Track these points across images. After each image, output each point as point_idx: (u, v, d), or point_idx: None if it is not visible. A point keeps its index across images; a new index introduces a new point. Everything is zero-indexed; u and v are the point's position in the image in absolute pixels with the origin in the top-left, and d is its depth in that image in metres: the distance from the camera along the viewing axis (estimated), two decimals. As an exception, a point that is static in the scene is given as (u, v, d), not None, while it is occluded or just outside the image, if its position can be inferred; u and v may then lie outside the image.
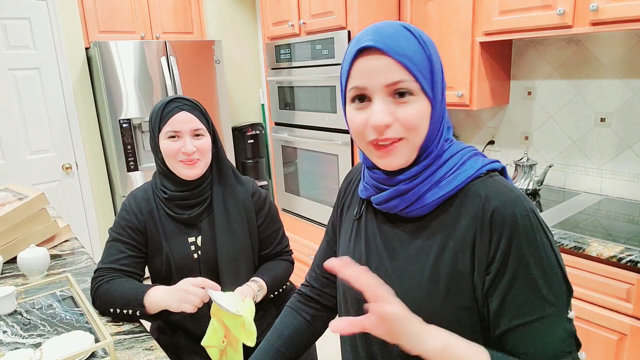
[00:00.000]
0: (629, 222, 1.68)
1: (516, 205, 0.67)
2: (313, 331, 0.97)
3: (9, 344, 1.10)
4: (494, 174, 0.73)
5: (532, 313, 0.66)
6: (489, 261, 0.67)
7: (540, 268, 0.66)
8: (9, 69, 2.78)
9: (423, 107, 0.68)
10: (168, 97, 1.25)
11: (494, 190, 0.69)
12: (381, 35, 0.67)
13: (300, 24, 2.51)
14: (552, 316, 0.66)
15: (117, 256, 1.25)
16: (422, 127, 0.69)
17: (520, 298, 0.66)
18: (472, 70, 2.03)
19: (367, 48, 0.67)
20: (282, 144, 2.88)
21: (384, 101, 0.68)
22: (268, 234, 1.39)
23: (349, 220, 0.87)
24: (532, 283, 0.66)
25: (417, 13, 2.20)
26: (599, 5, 1.54)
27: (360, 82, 0.69)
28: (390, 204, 0.74)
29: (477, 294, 0.69)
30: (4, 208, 1.57)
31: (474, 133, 2.46)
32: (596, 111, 1.97)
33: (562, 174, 2.14)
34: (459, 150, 0.73)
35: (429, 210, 0.72)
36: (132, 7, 3.14)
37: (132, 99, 3.01)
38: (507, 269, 0.66)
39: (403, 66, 0.66)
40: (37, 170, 2.97)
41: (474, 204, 0.69)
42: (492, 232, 0.67)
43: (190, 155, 1.22)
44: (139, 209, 1.29)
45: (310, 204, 2.74)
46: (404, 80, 0.66)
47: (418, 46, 0.68)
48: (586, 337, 1.53)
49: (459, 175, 0.71)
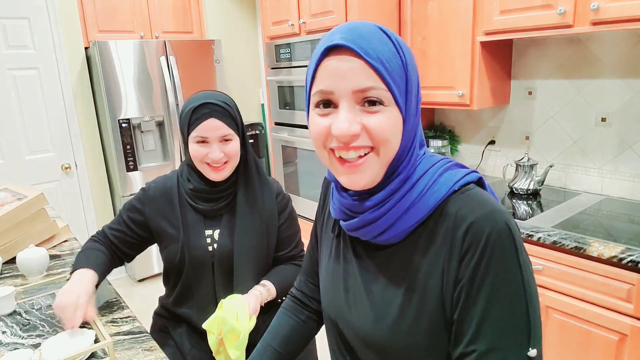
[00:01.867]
0: (630, 222, 1.67)
1: (487, 222, 0.61)
2: (308, 331, 0.97)
3: (8, 344, 1.10)
4: (468, 187, 0.66)
5: (491, 341, 0.60)
6: (457, 280, 0.63)
7: (505, 296, 0.60)
8: (8, 68, 2.77)
9: (394, 119, 0.61)
10: (199, 97, 1.22)
11: (464, 209, 0.63)
12: (354, 35, 0.59)
13: (300, 24, 2.50)
14: (510, 350, 0.60)
15: (114, 226, 1.34)
16: (393, 140, 0.62)
17: (480, 322, 0.61)
18: (472, 70, 2.03)
19: (337, 47, 0.60)
20: (282, 143, 2.87)
21: (350, 109, 0.60)
22: (286, 235, 1.39)
23: (328, 235, 0.84)
24: (495, 310, 0.60)
25: (417, 13, 2.20)
26: (600, 4, 1.54)
27: (326, 85, 0.61)
28: (360, 232, 0.69)
29: (446, 315, 0.65)
30: (3, 208, 1.57)
31: (475, 133, 2.46)
32: (597, 111, 1.97)
33: (562, 174, 2.14)
34: (430, 167, 0.66)
35: (401, 238, 0.67)
36: (131, 7, 3.13)
37: (131, 99, 3.00)
38: (472, 291, 0.61)
39: (376, 71, 0.59)
40: (36, 170, 2.96)
41: (443, 227, 0.64)
42: (462, 251, 0.62)
43: (217, 162, 1.22)
44: (159, 195, 1.32)
45: (310, 204, 2.74)
46: (376, 88, 0.59)
47: (394, 51, 0.61)
48: (586, 338, 1.53)
49: (430, 198, 0.64)
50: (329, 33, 0.63)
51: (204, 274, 1.30)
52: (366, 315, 0.71)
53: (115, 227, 1.33)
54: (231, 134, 1.23)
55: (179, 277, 1.31)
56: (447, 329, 0.65)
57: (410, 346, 0.67)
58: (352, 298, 0.74)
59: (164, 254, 1.34)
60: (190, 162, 1.28)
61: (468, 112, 2.46)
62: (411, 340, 0.66)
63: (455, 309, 0.63)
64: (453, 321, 0.64)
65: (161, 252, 1.35)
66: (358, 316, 0.73)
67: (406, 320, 0.66)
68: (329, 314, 0.81)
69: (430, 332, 0.65)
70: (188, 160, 1.30)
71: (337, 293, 0.77)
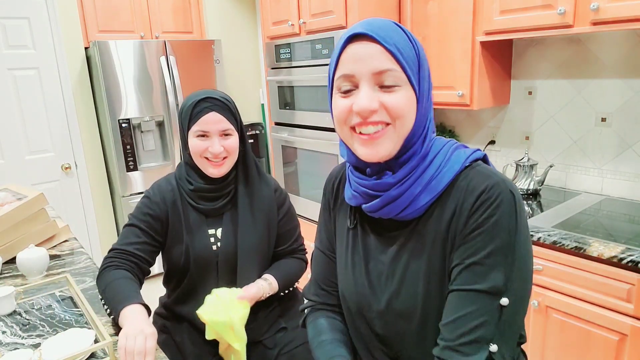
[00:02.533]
0: (630, 222, 1.67)
1: (494, 188, 0.69)
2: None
3: (8, 344, 1.09)
4: (476, 163, 0.74)
5: (468, 282, 0.68)
6: (464, 229, 0.70)
7: (493, 246, 0.67)
8: (8, 68, 2.77)
9: (409, 97, 0.69)
10: (199, 93, 1.25)
11: (475, 180, 0.71)
12: (373, 26, 0.68)
13: (300, 24, 2.50)
14: (483, 293, 0.67)
15: (133, 240, 1.27)
16: (408, 117, 0.69)
17: (465, 265, 0.69)
18: (472, 70, 2.03)
19: (358, 35, 0.68)
20: (282, 144, 2.87)
21: (370, 88, 0.68)
22: (286, 230, 1.40)
23: (342, 229, 0.87)
24: (479, 256, 0.68)
25: (417, 13, 2.20)
26: (600, 4, 1.54)
27: (349, 69, 0.69)
28: (384, 211, 0.74)
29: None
30: (3, 208, 1.57)
31: (475, 133, 2.46)
32: (597, 111, 1.97)
33: (562, 174, 2.14)
34: (442, 147, 0.74)
35: (422, 212, 0.73)
36: (131, 7, 3.13)
37: (131, 99, 3.00)
38: (468, 238, 0.69)
39: (392, 55, 0.67)
40: (36, 170, 2.96)
41: (458, 195, 0.71)
42: (470, 211, 0.69)
43: (217, 156, 1.23)
44: (163, 199, 1.30)
45: (310, 204, 2.74)
46: (392, 70, 0.67)
47: (407, 41, 0.69)
48: (586, 338, 1.53)
49: (446, 174, 0.72)
50: (350, 27, 0.71)
51: (208, 273, 1.31)
52: (398, 292, 0.75)
53: (135, 240, 1.26)
54: (231, 129, 1.25)
55: (183, 277, 1.31)
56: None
57: (439, 309, 0.73)
58: (377, 282, 0.78)
59: (166, 256, 1.33)
60: (189, 160, 1.28)
61: (468, 112, 2.46)
62: (440, 303, 0.72)
63: (459, 248, 0.71)
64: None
65: (164, 254, 1.34)
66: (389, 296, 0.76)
67: (433, 286, 0.72)
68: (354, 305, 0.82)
69: (447, 289, 0.72)
70: (186, 159, 1.30)
71: (361, 282, 0.80)
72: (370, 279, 0.79)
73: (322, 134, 2.50)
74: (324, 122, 2.46)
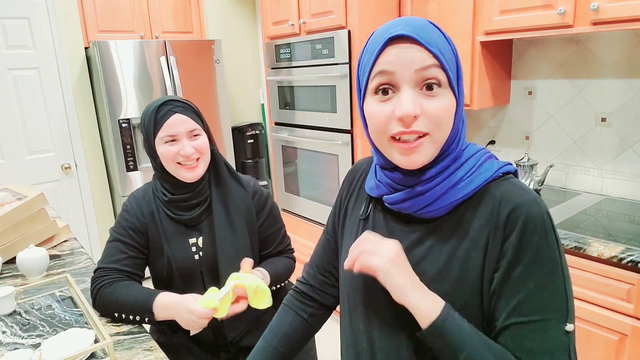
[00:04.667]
0: (630, 222, 1.67)
1: (532, 207, 0.66)
2: (310, 328, 0.96)
3: (8, 344, 1.09)
4: (509, 176, 0.72)
5: (531, 314, 0.65)
6: (499, 258, 0.67)
7: (546, 272, 0.65)
8: (8, 68, 2.77)
9: (450, 103, 0.67)
10: (158, 100, 1.22)
11: (510, 192, 0.68)
12: (413, 26, 0.65)
13: (300, 24, 2.50)
14: (549, 322, 0.65)
15: (118, 256, 1.24)
16: (447, 124, 0.68)
17: (521, 296, 0.66)
18: (472, 70, 2.03)
19: (399, 37, 0.65)
20: (282, 144, 2.87)
21: (412, 90, 0.65)
22: (269, 233, 1.38)
23: (353, 220, 0.86)
24: (535, 284, 0.65)
25: (417, 13, 2.20)
26: (600, 4, 1.54)
27: (389, 66, 0.66)
28: (404, 205, 0.72)
29: (483, 291, 0.69)
30: (3, 208, 1.57)
31: (475, 133, 2.46)
32: (597, 111, 1.97)
33: (562, 174, 2.14)
34: (476, 152, 0.72)
35: (445, 212, 0.71)
36: (131, 7, 3.13)
37: (131, 99, 3.00)
38: (515, 266, 0.66)
39: (434, 56, 0.65)
40: (36, 170, 2.96)
41: (489, 205, 0.69)
42: (506, 231, 0.67)
43: (189, 157, 1.21)
44: (140, 211, 1.28)
45: (310, 204, 2.73)
46: (436, 73, 0.65)
47: (446, 42, 0.68)
48: (587, 338, 1.53)
49: (476, 178, 0.70)
50: (385, 26, 0.68)
51: (194, 282, 1.29)
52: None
53: (120, 256, 1.24)
54: (198, 129, 1.24)
55: (169, 288, 1.28)
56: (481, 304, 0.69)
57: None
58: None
59: (150, 268, 1.32)
60: (161, 173, 1.26)
61: (468, 112, 2.46)
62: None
63: (497, 283, 0.67)
64: (492, 295, 0.68)
65: (148, 266, 1.32)
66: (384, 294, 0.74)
67: (441, 292, 0.70)
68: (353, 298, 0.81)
69: (465, 305, 0.69)
70: (157, 173, 1.27)
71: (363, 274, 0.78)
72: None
73: (322, 134, 2.50)
74: (324, 122, 2.46)
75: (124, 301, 1.16)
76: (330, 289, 0.95)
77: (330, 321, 1.12)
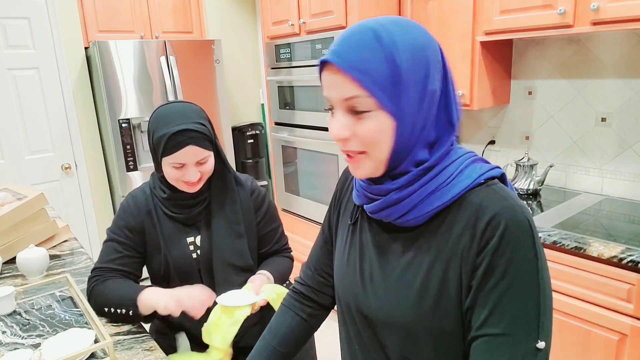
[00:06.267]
0: (630, 222, 1.67)
1: (509, 214, 0.64)
2: (309, 328, 0.97)
3: (8, 344, 1.09)
4: (492, 182, 0.70)
5: (500, 327, 0.64)
6: (476, 267, 0.66)
7: (520, 284, 0.63)
8: (8, 68, 2.77)
9: (382, 123, 0.65)
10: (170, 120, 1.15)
11: (488, 200, 0.67)
12: (343, 47, 0.64)
13: (300, 24, 2.50)
14: (517, 337, 0.63)
15: (113, 256, 1.24)
16: (382, 142, 0.66)
17: (491, 307, 0.64)
18: (472, 70, 2.03)
19: (326, 61, 0.66)
20: (282, 143, 2.87)
21: (343, 115, 0.67)
22: (267, 231, 1.38)
23: (344, 224, 0.86)
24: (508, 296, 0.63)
25: (417, 13, 2.20)
26: (600, 4, 1.54)
27: (326, 93, 0.68)
28: (383, 214, 0.72)
29: (462, 299, 0.68)
30: (3, 208, 1.57)
31: (475, 133, 2.46)
32: (597, 111, 1.97)
33: (562, 174, 2.14)
34: (457, 158, 0.70)
35: (423, 220, 0.70)
36: (131, 7, 3.13)
37: (131, 99, 3.00)
38: (489, 277, 0.64)
39: (357, 81, 0.63)
40: (36, 170, 2.96)
41: (468, 214, 0.67)
42: (482, 240, 0.65)
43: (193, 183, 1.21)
44: (138, 210, 1.28)
45: (310, 204, 2.74)
46: (358, 96, 0.64)
47: (382, 58, 0.63)
48: (586, 338, 1.53)
49: (455, 186, 0.68)
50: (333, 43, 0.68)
51: (192, 281, 1.28)
52: (385, 298, 0.74)
53: (116, 255, 1.24)
54: (208, 155, 1.21)
55: (166, 287, 1.26)
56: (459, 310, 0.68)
57: (431, 329, 0.69)
58: (369, 282, 0.77)
59: (148, 267, 1.32)
60: (161, 177, 1.25)
61: (468, 112, 2.46)
62: (432, 322, 0.69)
63: (471, 293, 0.66)
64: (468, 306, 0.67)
65: (146, 265, 1.32)
66: (376, 299, 0.75)
67: (426, 301, 0.69)
68: (345, 301, 0.82)
69: (448, 315, 0.68)
70: (158, 173, 1.27)
71: (353, 278, 0.79)
72: (363, 278, 0.78)
73: (322, 134, 2.50)
74: (324, 122, 2.46)
75: (112, 294, 1.17)
76: (328, 289, 0.96)
77: (330, 321, 1.13)
